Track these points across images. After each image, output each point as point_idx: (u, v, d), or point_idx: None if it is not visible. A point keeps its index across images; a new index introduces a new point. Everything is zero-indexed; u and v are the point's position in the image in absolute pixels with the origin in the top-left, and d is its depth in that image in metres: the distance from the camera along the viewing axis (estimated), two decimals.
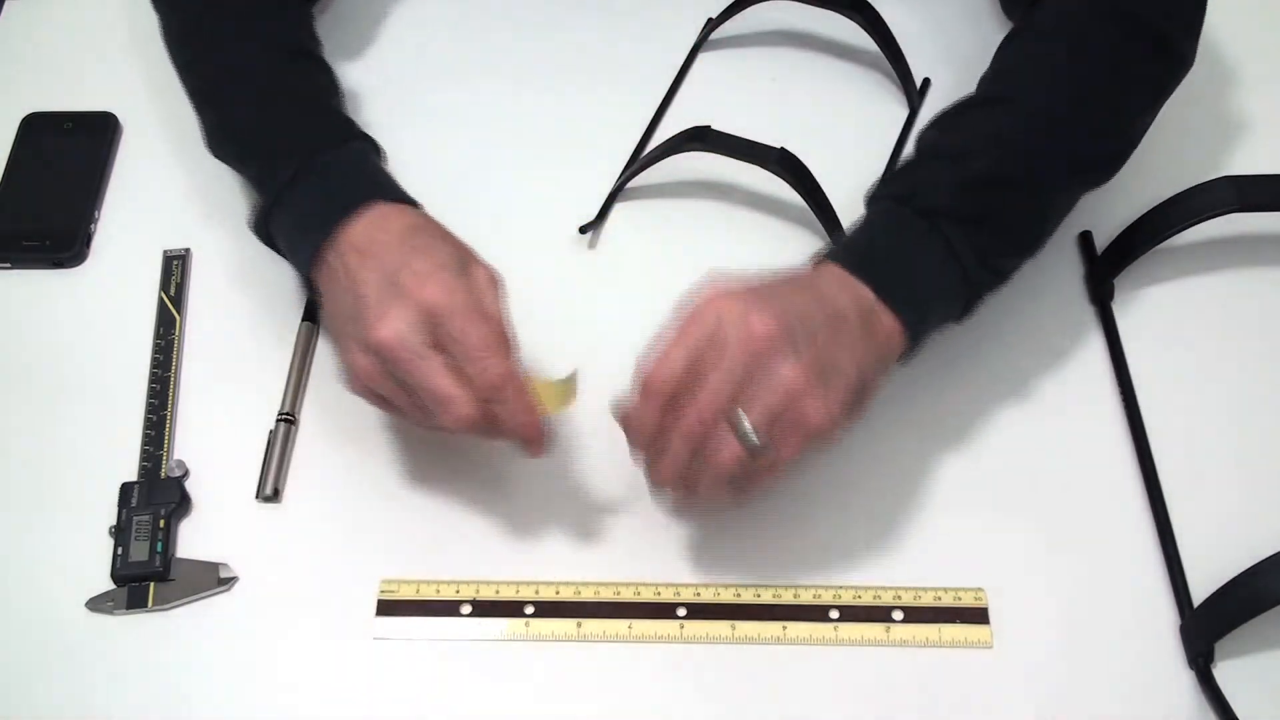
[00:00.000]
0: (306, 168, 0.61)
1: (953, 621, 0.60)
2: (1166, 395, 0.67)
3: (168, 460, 0.65)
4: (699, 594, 0.61)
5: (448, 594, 0.61)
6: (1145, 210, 0.69)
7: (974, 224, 0.60)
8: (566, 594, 0.61)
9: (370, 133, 0.66)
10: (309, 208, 0.61)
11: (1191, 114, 0.76)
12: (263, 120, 0.64)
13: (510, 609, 0.61)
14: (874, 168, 0.75)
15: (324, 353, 0.69)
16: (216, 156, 0.68)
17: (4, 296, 0.71)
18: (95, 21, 0.83)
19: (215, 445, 0.66)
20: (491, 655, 0.60)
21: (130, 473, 0.64)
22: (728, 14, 0.80)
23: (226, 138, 0.66)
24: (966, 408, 0.67)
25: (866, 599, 0.61)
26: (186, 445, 0.66)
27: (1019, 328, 0.70)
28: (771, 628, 0.60)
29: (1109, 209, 0.72)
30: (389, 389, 0.56)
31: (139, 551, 0.61)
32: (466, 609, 0.61)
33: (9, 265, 0.72)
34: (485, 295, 0.57)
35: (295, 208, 0.61)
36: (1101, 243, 0.72)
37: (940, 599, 0.61)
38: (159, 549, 0.61)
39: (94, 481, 0.64)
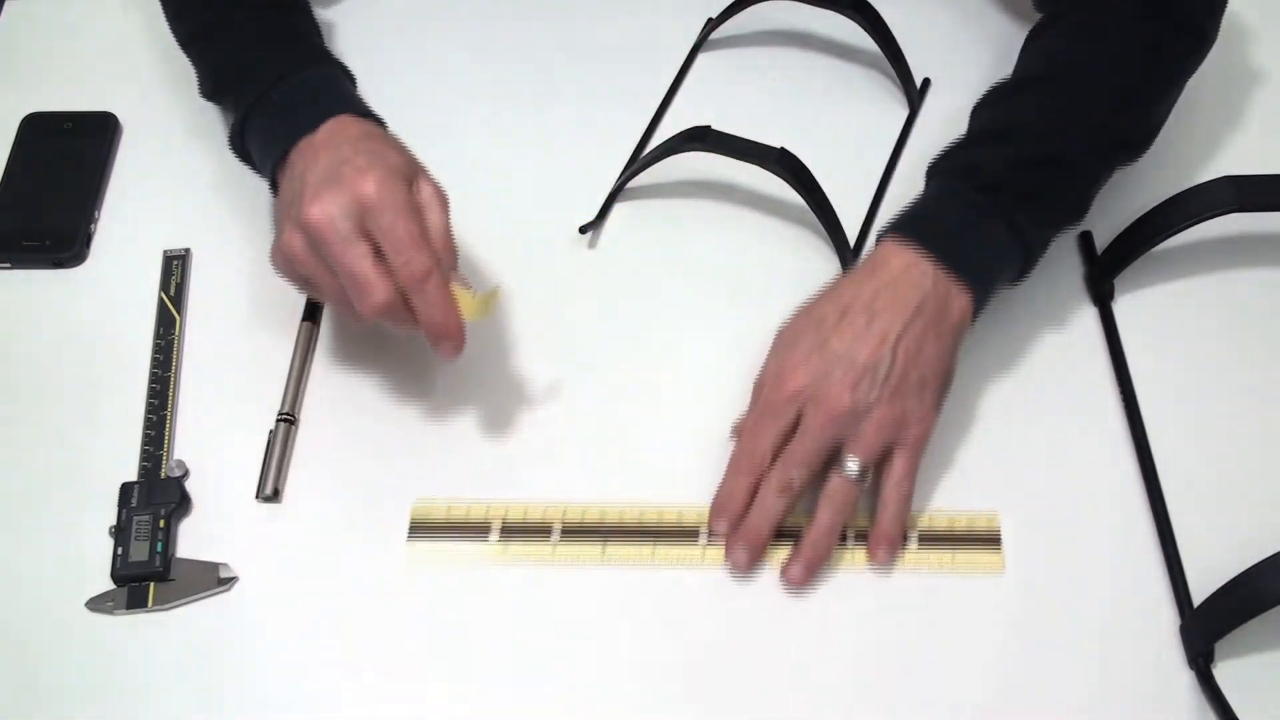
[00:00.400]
0: (281, 84, 0.65)
1: (967, 546, 0.62)
2: (1166, 395, 0.67)
3: (168, 460, 0.65)
4: None
5: (477, 515, 0.63)
6: (1145, 210, 0.69)
7: (1029, 199, 0.63)
8: (592, 517, 0.63)
9: None
10: (279, 119, 0.64)
11: (1191, 114, 0.75)
12: (243, 50, 0.68)
13: (538, 533, 0.63)
14: (874, 168, 0.75)
15: (324, 353, 0.69)
16: (209, 99, 0.71)
17: (4, 296, 0.71)
18: (95, 21, 0.83)
19: (215, 445, 0.66)
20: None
21: (130, 473, 0.64)
22: (728, 14, 0.80)
23: (212, 74, 0.70)
24: (967, 407, 0.67)
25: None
26: (186, 445, 0.66)
27: (1019, 328, 0.70)
28: (788, 552, 0.62)
29: (1109, 209, 0.72)
30: (312, 269, 0.59)
31: (139, 551, 0.61)
32: (494, 535, 0.63)
33: (9, 265, 0.72)
34: (428, 205, 0.60)
35: (267, 119, 0.65)
36: (1101, 243, 0.72)
37: (954, 523, 0.63)
38: (159, 549, 0.61)
39: (94, 481, 0.64)
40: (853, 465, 0.59)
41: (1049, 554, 0.62)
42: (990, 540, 0.63)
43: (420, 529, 0.63)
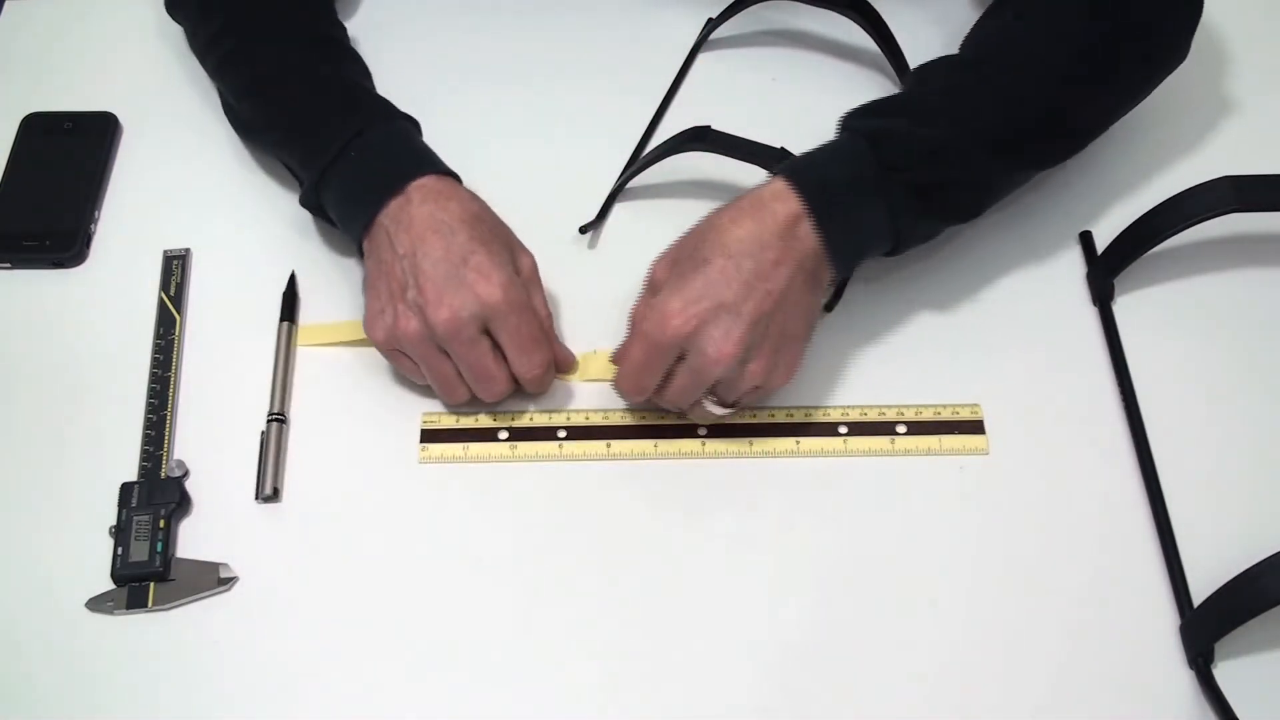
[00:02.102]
0: (357, 143, 0.65)
1: (951, 433, 0.66)
2: (1166, 395, 0.67)
3: (168, 460, 0.65)
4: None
5: (486, 423, 0.66)
6: (1145, 210, 0.69)
7: (926, 191, 0.62)
8: (596, 419, 0.66)
9: None
10: (362, 179, 0.65)
11: (1191, 114, 0.76)
12: (310, 104, 0.68)
13: (544, 433, 0.66)
14: None
15: (305, 351, 0.69)
16: (255, 145, 0.74)
17: (4, 296, 0.71)
18: (95, 21, 0.83)
19: (215, 445, 0.66)
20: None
21: (130, 473, 0.64)
22: (728, 14, 0.80)
23: (269, 125, 0.70)
24: (966, 406, 0.67)
25: (872, 415, 0.66)
26: (186, 445, 0.66)
27: (1019, 328, 0.70)
28: (786, 443, 0.66)
29: (1109, 209, 0.72)
30: (424, 353, 0.62)
31: (139, 551, 0.61)
32: (504, 434, 0.66)
33: (9, 265, 0.72)
34: (532, 287, 0.65)
35: (348, 180, 0.65)
36: (1101, 243, 0.72)
37: (940, 413, 0.66)
38: (159, 549, 0.61)
39: (94, 481, 0.64)
40: (716, 408, 0.63)
41: (1049, 556, 0.62)
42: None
43: (431, 436, 0.66)
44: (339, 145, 0.65)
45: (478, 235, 0.62)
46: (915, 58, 0.78)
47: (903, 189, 0.62)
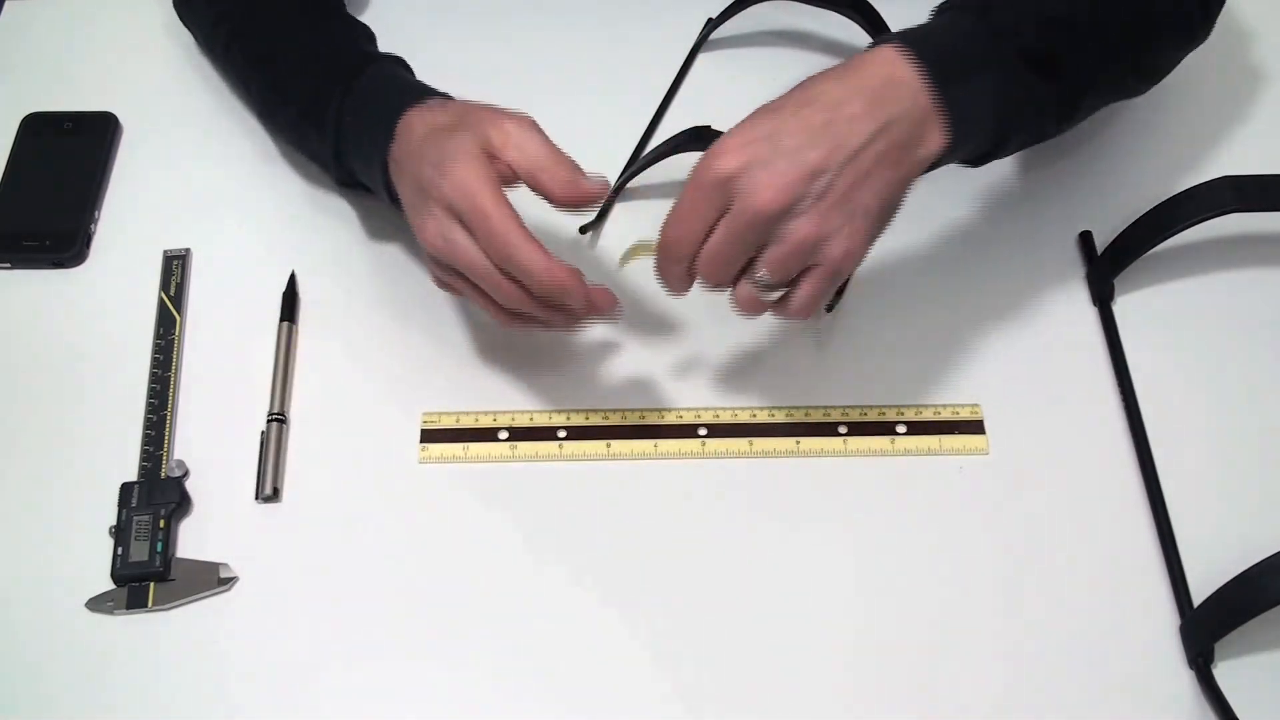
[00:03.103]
0: (344, 108, 0.65)
1: (951, 433, 0.66)
2: (1166, 395, 0.67)
3: (168, 460, 0.65)
4: (718, 415, 0.66)
5: (486, 423, 0.66)
6: (1145, 210, 0.69)
7: (1038, 67, 0.58)
8: (596, 419, 0.66)
9: None
10: (359, 147, 0.65)
11: (1192, 114, 0.76)
12: (301, 81, 0.68)
13: (544, 433, 0.66)
14: None
15: (305, 351, 0.69)
16: (270, 129, 0.75)
17: (4, 296, 0.71)
18: (95, 21, 0.83)
19: (215, 445, 0.66)
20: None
21: (130, 473, 0.64)
22: (728, 14, 0.80)
23: (280, 128, 0.72)
24: (967, 405, 0.67)
25: (872, 415, 0.66)
26: (186, 445, 0.66)
27: (1019, 328, 0.70)
28: (786, 443, 0.65)
29: (1109, 209, 0.72)
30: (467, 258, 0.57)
31: (139, 551, 0.61)
32: (504, 434, 0.65)
33: (9, 265, 0.72)
34: (523, 143, 0.58)
35: (353, 149, 0.66)
36: (1101, 243, 0.72)
37: (940, 413, 0.66)
38: (159, 549, 0.61)
39: (94, 481, 0.64)
40: (764, 278, 0.55)
41: (1049, 556, 0.62)
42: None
43: (431, 436, 0.65)
44: (333, 117, 0.65)
45: (435, 138, 0.58)
46: None
47: (1016, 57, 0.57)
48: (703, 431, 0.66)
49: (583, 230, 0.73)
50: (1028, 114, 0.60)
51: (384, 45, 0.76)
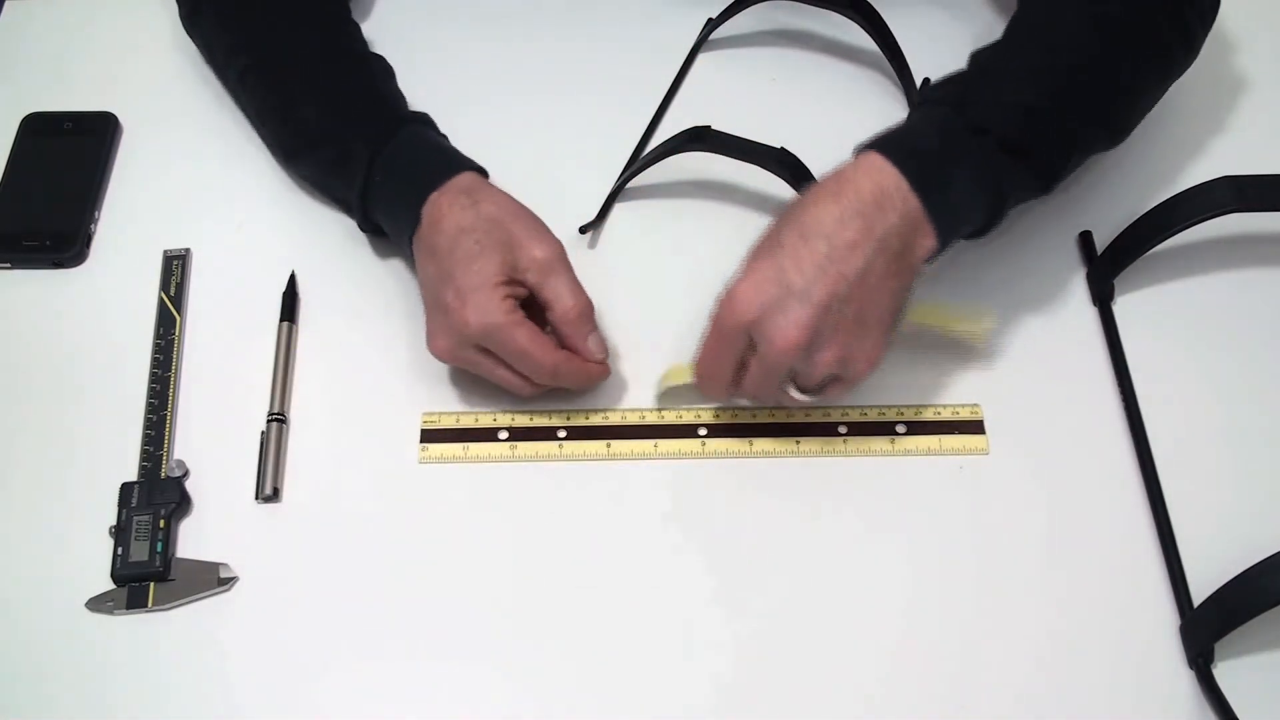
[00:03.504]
0: (375, 168, 0.66)
1: (951, 433, 0.66)
2: (1166, 395, 0.67)
3: (168, 460, 0.65)
4: (718, 415, 0.67)
5: (486, 423, 0.66)
6: (1145, 210, 0.69)
7: (1013, 152, 0.61)
8: (596, 419, 0.66)
9: None
10: (392, 203, 0.66)
11: (1191, 114, 0.76)
12: (324, 143, 0.69)
13: (544, 433, 0.66)
14: None
15: (306, 350, 0.69)
16: (289, 168, 0.74)
17: (4, 296, 0.71)
18: (95, 21, 0.83)
19: (215, 445, 0.66)
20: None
21: (130, 473, 0.64)
22: (728, 14, 0.80)
23: (293, 156, 0.72)
24: (967, 405, 0.67)
25: (872, 415, 0.66)
26: (186, 445, 0.66)
27: (1019, 328, 0.70)
28: (786, 443, 0.66)
29: (1109, 209, 0.72)
30: (467, 362, 0.63)
31: (139, 551, 0.61)
32: (504, 434, 0.66)
33: (9, 265, 0.72)
34: (548, 279, 0.62)
35: (382, 204, 0.67)
36: (1101, 243, 0.72)
37: (940, 413, 0.66)
38: (159, 549, 0.61)
39: (94, 481, 0.64)
40: (796, 394, 0.61)
41: (1049, 556, 0.62)
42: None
43: (431, 436, 0.66)
44: (362, 175, 0.66)
45: (460, 253, 0.61)
46: (915, 58, 0.78)
47: (994, 149, 0.60)
48: (703, 431, 0.66)
49: (582, 230, 0.73)
50: (1013, 194, 0.63)
51: (384, 46, 0.76)
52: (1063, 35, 0.65)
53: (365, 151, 0.66)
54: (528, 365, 0.62)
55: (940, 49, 0.80)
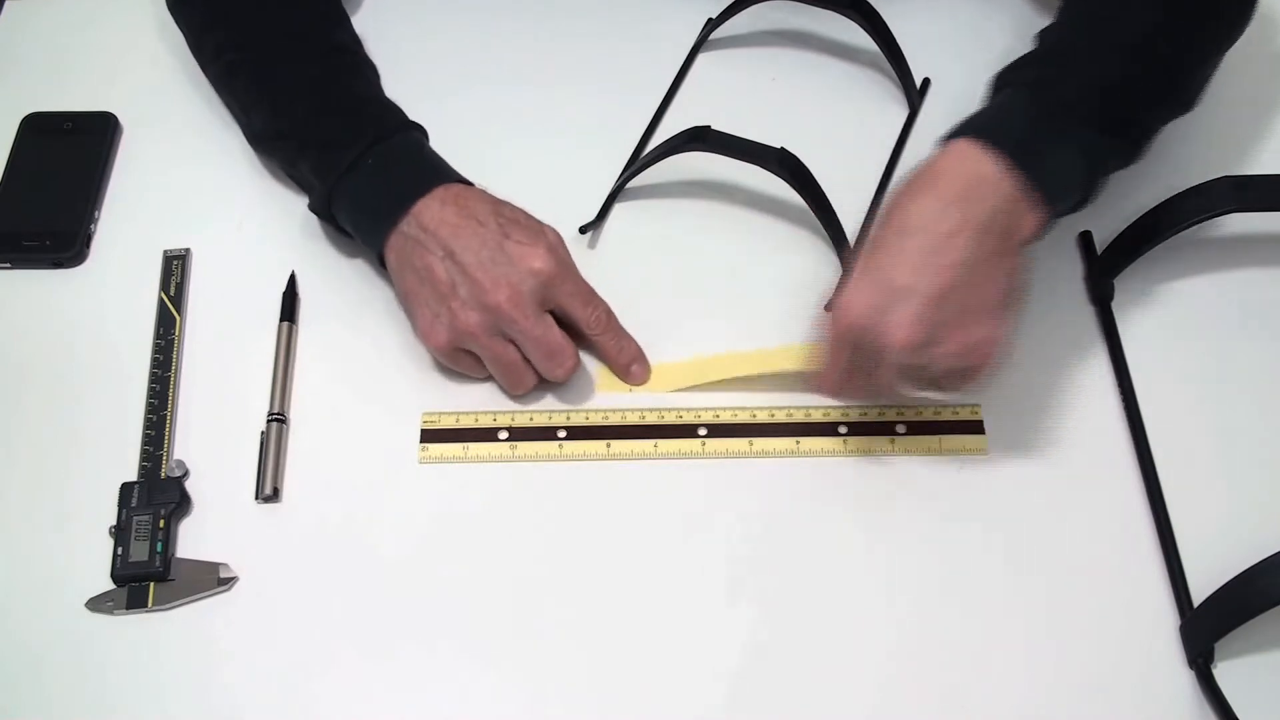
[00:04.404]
0: (370, 153, 0.66)
1: (951, 433, 0.66)
2: (1166, 395, 0.67)
3: (168, 460, 0.65)
4: (718, 415, 0.67)
5: (486, 423, 0.66)
6: (1145, 210, 0.69)
7: (1099, 129, 0.61)
8: (596, 419, 0.66)
9: None
10: (378, 191, 0.66)
11: (1191, 114, 0.75)
12: (322, 118, 0.68)
13: (544, 433, 0.66)
14: (874, 168, 0.75)
15: (306, 350, 0.69)
16: (264, 153, 0.74)
17: (4, 296, 0.71)
18: (95, 21, 0.83)
19: (215, 445, 0.66)
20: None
21: (130, 473, 0.64)
22: (728, 14, 0.80)
23: (279, 136, 0.71)
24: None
25: (872, 415, 0.66)
26: (186, 445, 0.66)
27: (1019, 328, 0.69)
28: (786, 443, 0.66)
29: (1109, 209, 0.72)
30: (487, 343, 0.63)
31: (139, 551, 0.61)
32: (504, 434, 0.66)
33: (9, 265, 0.72)
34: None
35: (364, 191, 0.66)
36: (1101, 243, 0.72)
37: (939, 413, 0.66)
38: (159, 549, 0.61)
39: (94, 481, 0.64)
40: (930, 393, 0.63)
41: (1049, 556, 0.62)
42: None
43: (431, 436, 0.66)
44: (353, 156, 0.65)
45: (505, 218, 0.64)
46: (915, 57, 0.78)
47: (1078, 125, 0.61)
48: (703, 431, 0.66)
49: (582, 230, 0.73)
50: (1102, 167, 0.63)
51: (383, 45, 0.76)
52: (1126, 8, 0.65)
53: (352, 145, 0.66)
54: (588, 308, 0.64)
55: (940, 49, 0.80)
